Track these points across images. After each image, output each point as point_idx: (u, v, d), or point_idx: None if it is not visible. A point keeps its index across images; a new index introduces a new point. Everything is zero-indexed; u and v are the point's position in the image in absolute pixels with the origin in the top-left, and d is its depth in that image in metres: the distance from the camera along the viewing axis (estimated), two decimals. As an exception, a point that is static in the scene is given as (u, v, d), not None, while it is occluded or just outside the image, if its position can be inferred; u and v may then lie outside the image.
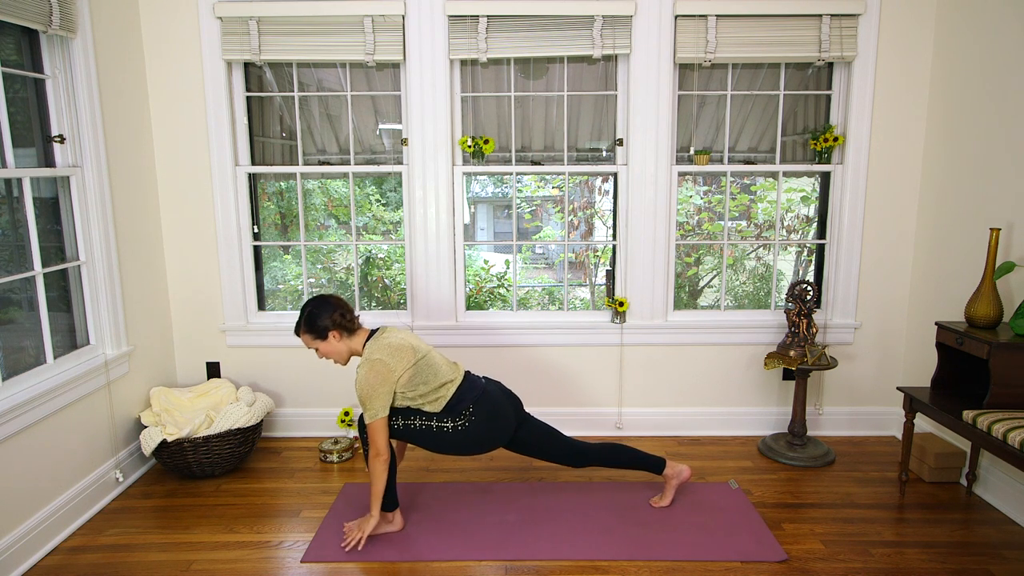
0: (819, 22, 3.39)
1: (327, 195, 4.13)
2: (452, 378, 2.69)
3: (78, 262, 3.03)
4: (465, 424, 2.65)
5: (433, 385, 2.64)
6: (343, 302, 2.69)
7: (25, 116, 2.82)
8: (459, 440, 2.67)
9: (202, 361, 3.75)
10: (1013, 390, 2.56)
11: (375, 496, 2.63)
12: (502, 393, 2.82)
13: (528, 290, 5.03)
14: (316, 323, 2.62)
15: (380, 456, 2.58)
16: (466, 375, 2.76)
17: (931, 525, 2.82)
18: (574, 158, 3.70)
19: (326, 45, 3.42)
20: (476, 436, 2.68)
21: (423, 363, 2.64)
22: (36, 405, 2.63)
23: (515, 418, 2.81)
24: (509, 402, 2.81)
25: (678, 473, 2.94)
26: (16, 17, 2.56)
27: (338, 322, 2.62)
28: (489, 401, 2.71)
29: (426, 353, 2.69)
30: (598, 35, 3.41)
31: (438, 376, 2.66)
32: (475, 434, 2.67)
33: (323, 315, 2.62)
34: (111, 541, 2.74)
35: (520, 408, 2.88)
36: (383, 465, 2.59)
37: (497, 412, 2.72)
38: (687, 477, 2.96)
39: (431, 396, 2.64)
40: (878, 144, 3.53)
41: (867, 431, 3.79)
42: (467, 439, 2.67)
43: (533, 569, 2.52)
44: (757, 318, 3.73)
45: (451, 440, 2.67)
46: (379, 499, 2.63)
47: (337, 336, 2.64)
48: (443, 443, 2.68)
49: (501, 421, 2.73)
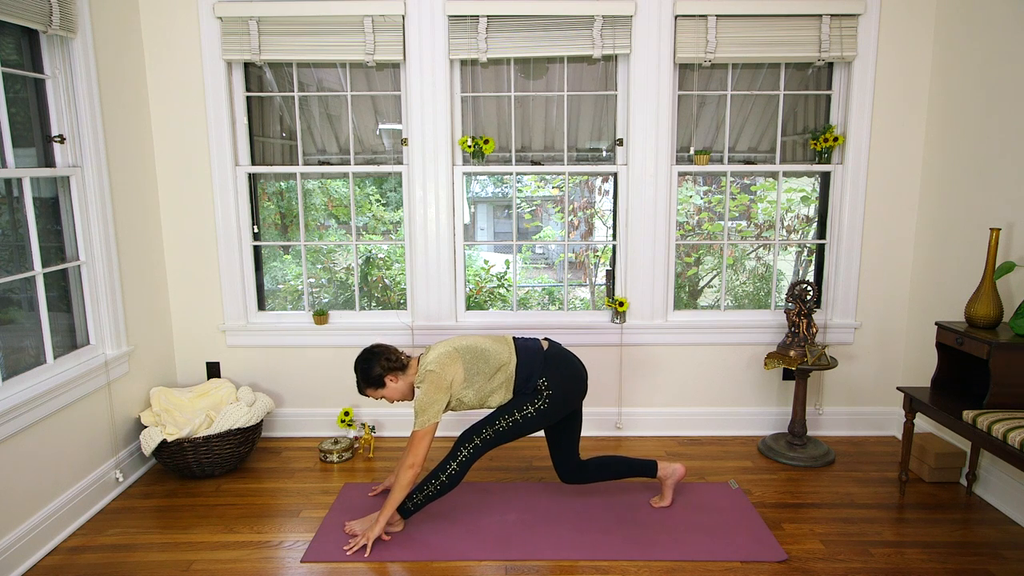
0: (819, 22, 3.39)
1: (327, 195, 4.13)
2: (506, 358, 2.70)
3: (78, 262, 3.03)
4: (546, 400, 2.67)
5: (489, 371, 2.66)
6: (386, 346, 2.76)
7: (25, 116, 2.82)
8: (547, 414, 2.69)
9: (202, 361, 3.75)
10: (1013, 390, 2.56)
11: (391, 504, 2.62)
12: (567, 353, 2.83)
13: (528, 290, 5.03)
14: (370, 376, 2.71)
15: (414, 468, 2.59)
16: (518, 347, 2.75)
17: (931, 525, 2.82)
18: (574, 158, 3.70)
19: (326, 45, 3.42)
20: (559, 403, 2.70)
21: (467, 353, 2.67)
22: (36, 405, 2.63)
23: (585, 379, 2.81)
24: (576, 361, 2.82)
25: (672, 473, 2.94)
26: (16, 17, 2.56)
27: (387, 366, 2.70)
28: (556, 364, 2.73)
29: (470, 343, 2.72)
30: (598, 35, 3.41)
31: (489, 360, 2.68)
32: (558, 402, 2.70)
33: (373, 366, 2.70)
34: (111, 541, 2.74)
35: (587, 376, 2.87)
36: (414, 478, 2.61)
37: (569, 373, 2.74)
38: (682, 475, 2.96)
39: (496, 384, 2.67)
40: (878, 144, 3.53)
41: (867, 431, 3.79)
42: (553, 410, 2.70)
43: (533, 569, 2.52)
44: (757, 318, 3.73)
45: (540, 419, 2.69)
46: (393, 508, 2.63)
47: (393, 379, 2.72)
48: (535, 426, 2.70)
49: (576, 383, 2.76)
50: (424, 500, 2.68)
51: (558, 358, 2.76)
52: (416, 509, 2.70)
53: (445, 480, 2.66)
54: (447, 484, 2.67)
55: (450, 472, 2.65)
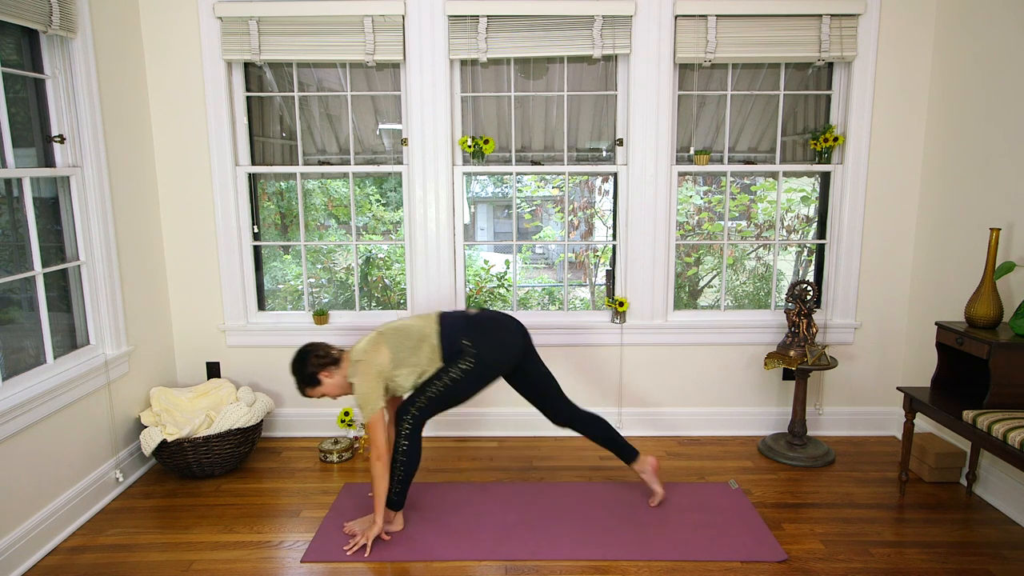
0: (819, 22, 3.39)
1: (327, 195, 4.13)
2: (429, 330, 2.68)
3: (78, 262, 3.03)
4: (471, 359, 2.66)
5: (412, 345, 2.65)
6: (316, 343, 2.76)
7: (25, 116, 2.82)
8: (478, 373, 2.67)
9: (202, 361, 3.75)
10: (1013, 390, 2.56)
11: (379, 499, 2.63)
12: (497, 313, 2.82)
13: (528, 290, 5.03)
14: (304, 374, 2.71)
15: (381, 459, 2.59)
16: (441, 317, 2.74)
17: (931, 525, 2.82)
18: (574, 158, 3.70)
19: (326, 45, 3.42)
20: (488, 361, 2.68)
21: (390, 333, 2.67)
22: (36, 405, 2.63)
23: (520, 334, 2.80)
24: (507, 318, 2.80)
25: (647, 466, 2.96)
26: (16, 17, 2.56)
27: (318, 363, 2.69)
28: (481, 323, 2.72)
29: (394, 324, 2.72)
30: (598, 35, 3.41)
31: (411, 334, 2.67)
32: (487, 360, 2.68)
33: (305, 365, 2.70)
34: (111, 541, 2.74)
35: (526, 333, 2.85)
36: (384, 467, 2.61)
37: (496, 327, 2.73)
38: (655, 466, 2.97)
39: (423, 357, 2.65)
40: (878, 144, 3.53)
41: (867, 431, 3.79)
42: (483, 368, 2.68)
43: (533, 569, 2.52)
44: (757, 318, 3.73)
45: (473, 380, 2.67)
46: (383, 503, 2.64)
47: (328, 374, 2.71)
48: (468, 387, 2.69)
49: (505, 334, 2.73)
50: (399, 485, 2.68)
51: (484, 319, 2.74)
52: (399, 497, 2.70)
53: (402, 459, 2.65)
54: (407, 461, 2.65)
55: (402, 449, 2.64)
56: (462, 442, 3.72)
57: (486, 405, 3.78)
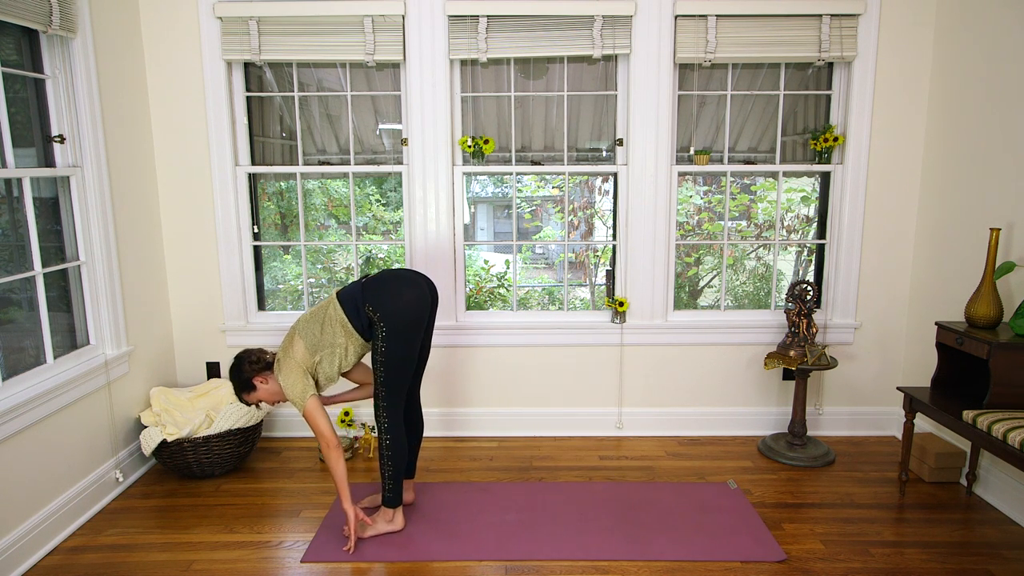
0: (819, 22, 3.39)
1: (327, 195, 4.13)
2: (330, 309, 2.62)
3: (78, 262, 3.03)
4: (382, 321, 2.55)
5: (318, 325, 2.62)
6: (250, 350, 2.75)
7: (25, 116, 2.82)
8: (399, 333, 2.55)
9: (202, 361, 3.75)
10: (1013, 390, 2.56)
11: (340, 486, 2.60)
12: (389, 270, 2.73)
13: (528, 290, 5.03)
14: (240, 380, 2.69)
15: (329, 446, 2.57)
16: (339, 292, 2.67)
17: (931, 525, 2.82)
18: (574, 158, 3.70)
19: (326, 45, 3.42)
20: (400, 317, 2.55)
21: (299, 324, 2.66)
22: (36, 405, 2.63)
23: (416, 276, 2.68)
24: (400, 270, 2.72)
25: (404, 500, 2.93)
26: (16, 17, 2.56)
27: (252, 369, 2.68)
28: (376, 284, 2.61)
29: (302, 315, 2.71)
30: (598, 35, 3.41)
31: (315, 317, 2.64)
32: (398, 317, 2.54)
33: (240, 373, 2.68)
34: (111, 541, 2.74)
35: (426, 278, 2.74)
36: (337, 453, 2.58)
37: (387, 277, 2.64)
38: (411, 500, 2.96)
39: (336, 336, 2.60)
40: (878, 144, 3.53)
41: (867, 431, 3.79)
42: (400, 325, 2.54)
43: (533, 569, 2.52)
44: (757, 318, 3.73)
45: (400, 343, 2.56)
46: (345, 490, 2.60)
47: (263, 379, 2.70)
48: (401, 350, 2.57)
49: (396, 282, 2.61)
50: (391, 481, 2.67)
51: (377, 279, 2.65)
52: (394, 494, 2.69)
53: (388, 453, 2.64)
54: (393, 455, 2.64)
55: (386, 444, 2.63)
56: (462, 442, 3.72)
57: (486, 405, 3.78)
